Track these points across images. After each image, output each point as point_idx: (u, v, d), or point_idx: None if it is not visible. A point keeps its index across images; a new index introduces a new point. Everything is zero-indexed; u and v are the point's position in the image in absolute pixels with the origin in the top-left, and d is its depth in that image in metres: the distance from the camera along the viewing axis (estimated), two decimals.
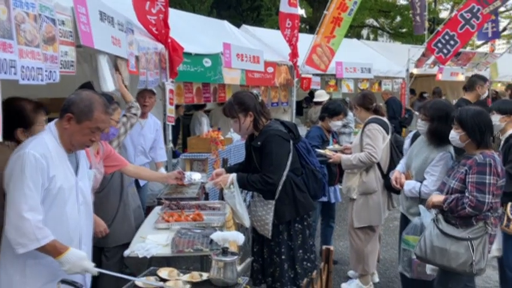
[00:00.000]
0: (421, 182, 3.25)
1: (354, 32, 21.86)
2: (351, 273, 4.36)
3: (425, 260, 2.94)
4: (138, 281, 2.15)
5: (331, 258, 2.16)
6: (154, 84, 4.35)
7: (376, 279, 4.27)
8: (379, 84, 9.85)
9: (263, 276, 3.14)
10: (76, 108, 2.13)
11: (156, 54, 4.37)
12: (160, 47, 4.46)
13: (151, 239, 2.87)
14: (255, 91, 3.15)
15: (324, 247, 2.15)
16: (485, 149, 2.83)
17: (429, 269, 3.05)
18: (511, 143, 3.50)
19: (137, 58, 3.83)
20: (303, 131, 6.15)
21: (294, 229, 3.03)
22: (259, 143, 2.91)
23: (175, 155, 6.05)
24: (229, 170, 3.18)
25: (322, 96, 8.28)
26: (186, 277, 2.26)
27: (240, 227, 3.75)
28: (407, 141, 3.67)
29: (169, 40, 4.56)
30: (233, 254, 2.27)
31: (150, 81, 4.15)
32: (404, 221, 3.51)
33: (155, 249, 2.72)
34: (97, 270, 2.13)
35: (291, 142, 3.00)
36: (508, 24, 27.95)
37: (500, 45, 22.89)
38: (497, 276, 4.14)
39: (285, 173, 2.92)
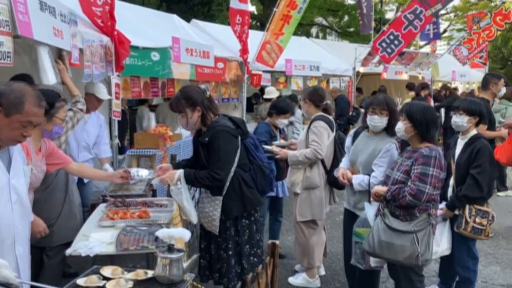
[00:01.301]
0: (369, 175, 3.34)
1: (303, 30, 22.18)
2: (297, 267, 4.44)
3: (375, 254, 3.04)
4: (79, 280, 2.08)
5: (277, 252, 2.18)
6: (100, 77, 4.23)
7: (322, 272, 4.37)
8: (327, 82, 10.05)
9: (210, 272, 3.14)
10: (5, 100, 1.98)
11: (102, 47, 4.25)
12: (106, 39, 4.33)
13: (95, 237, 2.79)
14: (202, 86, 3.12)
15: (269, 242, 2.17)
16: (429, 143, 2.96)
17: (373, 261, 3.16)
18: (478, 147, 3.52)
19: (81, 51, 3.70)
20: (253, 127, 6.18)
21: (241, 225, 3.05)
22: (206, 138, 2.90)
23: (122, 150, 5.91)
24: (176, 166, 3.15)
25: (272, 93, 8.34)
26: (131, 275, 2.21)
27: (188, 224, 3.72)
28: (348, 139, 3.72)
29: (115, 33, 4.44)
30: (179, 250, 2.24)
31: (96, 75, 4.03)
32: (348, 216, 3.60)
33: (99, 247, 2.64)
34: (19, 281, 1.92)
35: (239, 138, 3.01)
36: (448, 26, 29.37)
37: (441, 46, 23.99)
38: (435, 266, 4.37)
39: (233, 169, 2.93)
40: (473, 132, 3.66)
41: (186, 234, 2.32)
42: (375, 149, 3.32)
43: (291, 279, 4.24)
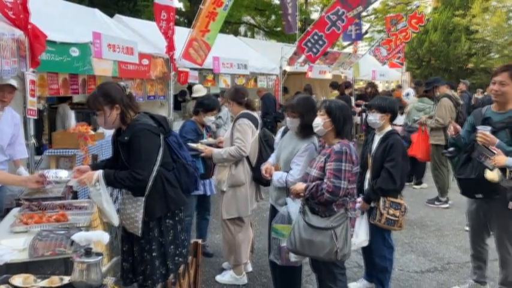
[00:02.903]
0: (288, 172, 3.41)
1: (231, 28, 22.26)
2: (225, 264, 4.45)
3: (297, 252, 3.10)
4: None
5: (200, 251, 2.16)
6: (12, 73, 3.95)
7: (249, 268, 4.42)
8: (255, 80, 10.16)
9: (134, 275, 3.06)
10: None
11: (14, 40, 3.98)
12: (18, 33, 4.07)
13: (6, 244, 2.61)
14: (122, 83, 3.01)
15: (192, 241, 2.14)
16: (343, 139, 3.08)
17: (292, 256, 3.23)
18: (391, 142, 3.71)
19: None
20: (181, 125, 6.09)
21: (165, 225, 2.99)
22: (126, 137, 2.80)
23: (41, 151, 5.58)
24: (95, 167, 3.02)
25: (199, 91, 8.29)
26: (45, 282, 2.10)
27: (111, 227, 3.60)
28: (278, 135, 3.79)
29: (29, 26, 4.18)
30: (98, 254, 2.16)
31: (6, 71, 3.77)
32: (274, 212, 3.65)
33: (9, 255, 2.47)
34: None
35: (161, 136, 2.94)
36: (369, 27, 30.81)
37: (362, 46, 25.07)
38: (356, 258, 4.57)
39: (155, 168, 2.86)
40: (388, 128, 3.87)
41: (105, 237, 2.24)
42: (294, 147, 3.40)
43: (218, 277, 4.24)
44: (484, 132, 3.36)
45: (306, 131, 3.34)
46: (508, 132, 3.48)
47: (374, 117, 3.81)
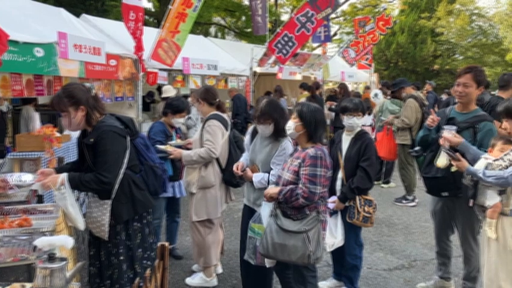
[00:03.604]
0: (269, 172, 3.42)
1: (202, 29, 22.16)
2: (195, 267, 4.42)
3: (269, 256, 3.09)
4: None
5: (167, 254, 2.14)
6: None
7: (220, 270, 4.40)
8: (226, 81, 10.15)
9: (101, 279, 2.99)
10: None
11: None
12: None
13: None
14: (87, 84, 2.95)
15: (158, 244, 2.12)
16: (315, 143, 3.09)
17: (268, 262, 3.23)
18: (366, 142, 3.83)
19: None
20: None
21: (133, 228, 2.94)
22: (92, 139, 2.75)
23: (3, 153, 5.42)
24: (59, 170, 2.94)
25: (169, 91, 8.22)
26: None
27: (78, 231, 3.52)
28: (247, 137, 3.79)
29: None
30: (62, 259, 2.11)
31: None
32: (247, 213, 3.65)
33: None
34: None
35: (128, 138, 2.90)
36: (338, 29, 31.23)
37: (331, 48, 25.39)
38: (326, 257, 4.61)
39: (122, 170, 2.81)
40: (359, 128, 3.95)
41: (69, 242, 2.18)
42: (272, 148, 3.42)
43: (188, 280, 4.21)
44: (450, 131, 3.45)
45: (280, 133, 3.38)
46: (471, 132, 3.59)
47: (359, 120, 3.90)
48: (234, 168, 3.58)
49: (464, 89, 3.62)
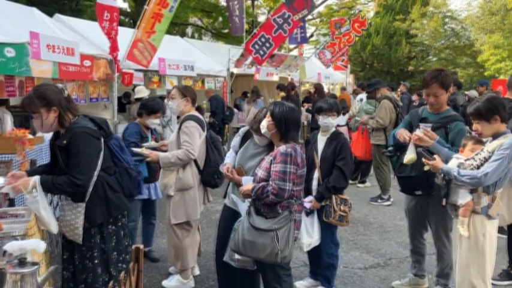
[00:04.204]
0: None
1: (178, 29, 22.03)
2: (172, 269, 4.38)
3: (239, 253, 3.10)
4: None
5: (141, 257, 2.12)
6: None
7: (197, 271, 4.38)
8: (203, 82, 10.10)
9: (75, 284, 2.94)
10: None
11: None
12: None
13: None
14: (59, 85, 2.90)
15: (133, 246, 2.09)
16: (287, 142, 3.10)
17: (237, 258, 3.23)
18: (342, 142, 3.87)
19: None
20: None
21: (108, 231, 2.90)
22: (64, 141, 2.70)
23: None
24: (31, 173, 2.88)
25: (141, 92, 8.15)
26: None
27: (52, 234, 3.45)
28: (237, 139, 3.72)
29: None
30: (33, 264, 2.06)
31: None
32: (228, 213, 3.59)
33: None
34: None
35: (102, 139, 2.86)
36: (315, 31, 31.52)
37: (308, 49, 25.61)
38: (303, 256, 4.64)
39: (96, 173, 2.77)
40: (333, 128, 3.99)
41: (40, 245, 2.14)
42: (260, 156, 3.37)
43: (165, 282, 4.16)
44: (426, 128, 3.52)
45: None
46: (443, 132, 3.67)
47: (334, 120, 3.94)
48: (224, 170, 3.52)
49: (436, 98, 3.69)
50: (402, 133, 3.74)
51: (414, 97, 12.89)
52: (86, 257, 2.88)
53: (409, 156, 3.56)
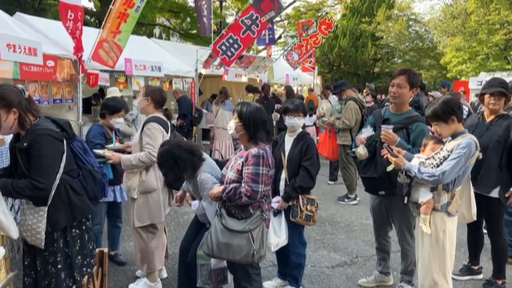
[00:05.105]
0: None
1: (146, 30, 21.78)
2: (139, 272, 4.33)
3: (214, 256, 3.11)
4: None
5: (105, 260, 2.09)
6: None
7: (164, 274, 4.34)
8: (170, 82, 10.02)
9: None
10: None
11: None
12: None
13: None
14: (20, 85, 2.82)
15: (97, 250, 2.06)
16: (256, 143, 3.11)
17: (212, 262, 3.22)
18: (308, 142, 3.91)
19: None
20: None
21: (71, 235, 2.84)
22: (25, 143, 2.62)
23: None
24: None
25: (113, 93, 7.98)
26: None
27: (12, 240, 3.35)
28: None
29: None
30: None
31: None
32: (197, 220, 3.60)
33: None
34: None
35: (64, 142, 2.79)
36: (283, 32, 31.75)
37: (276, 51, 25.74)
38: (271, 257, 4.67)
39: (58, 175, 2.70)
40: (300, 129, 4.03)
41: (0, 252, 2.08)
42: (193, 182, 3.41)
43: (132, 286, 4.10)
44: (387, 130, 3.61)
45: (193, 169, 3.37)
46: (404, 132, 3.77)
47: (300, 121, 3.96)
48: (173, 201, 3.54)
49: (398, 89, 3.79)
50: (361, 138, 3.87)
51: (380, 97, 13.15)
52: (48, 262, 2.81)
53: (361, 152, 3.78)
